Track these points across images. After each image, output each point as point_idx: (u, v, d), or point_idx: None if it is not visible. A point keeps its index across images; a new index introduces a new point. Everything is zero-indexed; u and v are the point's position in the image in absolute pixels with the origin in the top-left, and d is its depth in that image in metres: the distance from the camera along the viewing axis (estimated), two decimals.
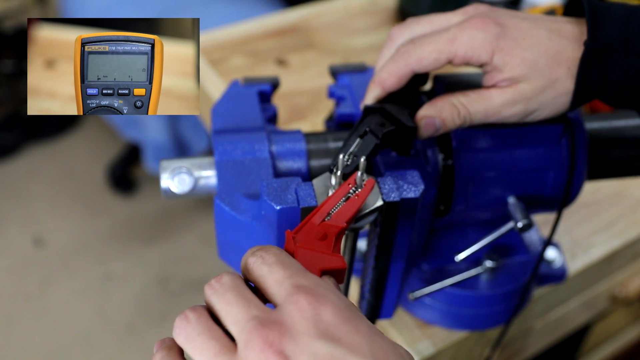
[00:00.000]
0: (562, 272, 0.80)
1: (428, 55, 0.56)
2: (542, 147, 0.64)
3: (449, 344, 0.74)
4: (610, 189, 0.92)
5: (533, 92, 0.56)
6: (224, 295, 0.40)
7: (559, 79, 0.55)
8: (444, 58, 0.56)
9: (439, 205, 0.65)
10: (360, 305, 0.65)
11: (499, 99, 0.56)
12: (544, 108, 0.57)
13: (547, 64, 0.55)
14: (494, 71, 0.56)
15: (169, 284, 1.98)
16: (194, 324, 0.39)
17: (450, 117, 0.57)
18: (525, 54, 0.55)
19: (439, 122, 0.57)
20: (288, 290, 0.38)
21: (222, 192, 0.58)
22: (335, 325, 0.37)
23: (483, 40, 0.55)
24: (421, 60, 0.57)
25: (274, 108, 0.68)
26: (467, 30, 0.56)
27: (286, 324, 0.37)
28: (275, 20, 1.21)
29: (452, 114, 0.57)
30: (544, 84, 0.55)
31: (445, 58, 0.56)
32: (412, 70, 0.57)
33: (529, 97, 0.56)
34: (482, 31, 0.55)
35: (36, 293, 1.94)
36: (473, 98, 0.57)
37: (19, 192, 2.21)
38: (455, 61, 0.56)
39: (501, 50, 0.55)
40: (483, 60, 0.56)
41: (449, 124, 0.57)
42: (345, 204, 0.49)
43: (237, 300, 0.39)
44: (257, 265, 0.41)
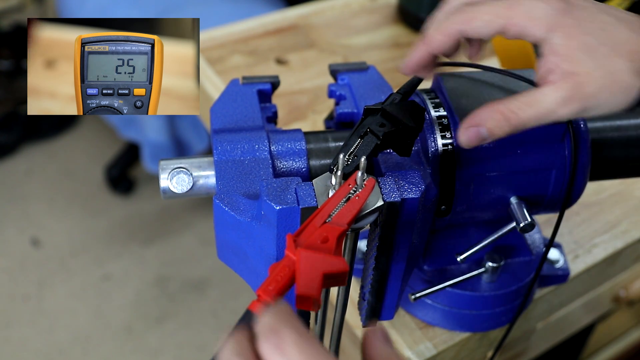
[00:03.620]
0: (564, 273, 0.79)
1: (482, 15, 0.53)
2: (544, 146, 0.64)
3: (451, 345, 0.74)
4: (613, 189, 0.92)
5: (590, 85, 0.51)
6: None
7: (618, 72, 0.51)
8: (498, 23, 0.52)
9: (440, 206, 0.64)
10: (361, 307, 0.65)
11: (552, 98, 0.51)
12: (602, 104, 0.52)
13: (607, 54, 0.51)
14: (550, 54, 0.52)
15: (167, 285, 1.98)
16: None
17: (498, 127, 0.53)
18: (586, 38, 0.51)
19: (485, 132, 0.54)
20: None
21: (221, 192, 0.57)
22: None
23: (544, 12, 0.51)
24: (473, 20, 0.53)
25: (274, 107, 0.68)
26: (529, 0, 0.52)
27: None
28: (275, 18, 1.20)
29: (500, 123, 0.53)
30: (602, 75, 0.51)
31: (500, 24, 0.52)
32: (460, 29, 0.54)
33: (585, 93, 0.51)
34: (544, 2, 0.52)
35: (34, 294, 1.93)
36: (524, 102, 0.53)
37: (16, 192, 2.20)
38: (509, 30, 0.52)
39: (562, 27, 0.51)
40: (539, 35, 0.52)
41: (497, 133, 0.53)
42: (346, 204, 0.48)
43: None
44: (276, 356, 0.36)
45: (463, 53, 0.60)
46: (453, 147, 0.62)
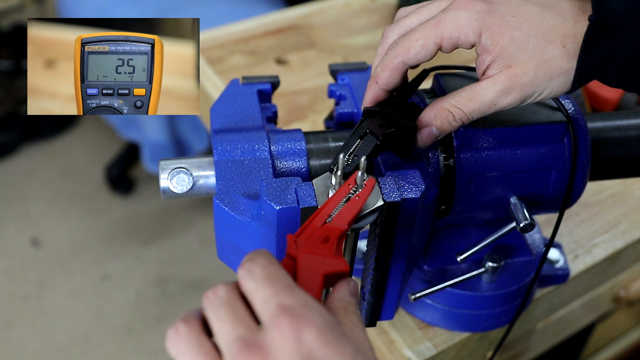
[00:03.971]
0: (564, 273, 0.79)
1: (415, 42, 0.55)
2: (544, 146, 0.64)
3: (451, 345, 0.74)
4: (613, 189, 0.92)
5: (525, 75, 0.53)
6: (217, 310, 0.40)
7: (553, 58, 0.53)
8: (432, 43, 0.54)
9: (440, 206, 0.64)
10: (361, 307, 0.65)
11: (491, 91, 0.54)
12: (540, 90, 0.54)
13: (538, 43, 0.53)
14: (483, 53, 0.54)
15: (167, 285, 1.98)
16: (184, 338, 0.40)
17: (446, 123, 0.56)
18: (514, 32, 0.53)
19: (436, 131, 0.56)
20: (272, 311, 0.38)
21: (221, 192, 0.57)
22: (318, 349, 0.36)
23: (468, 18, 0.53)
24: (409, 50, 0.55)
25: (274, 107, 0.68)
26: (451, 11, 0.54)
27: (268, 348, 0.37)
28: (275, 18, 1.20)
29: (447, 120, 0.56)
30: (537, 64, 0.53)
31: (433, 43, 0.54)
32: (402, 61, 0.56)
33: (522, 83, 0.53)
34: (466, 10, 0.53)
35: (34, 294, 1.93)
36: (465, 97, 0.55)
37: (16, 193, 2.20)
38: (444, 45, 0.54)
39: (489, 28, 0.53)
40: (471, 40, 0.53)
41: (446, 128, 0.56)
42: (347, 205, 0.48)
43: (228, 317, 0.39)
44: (246, 279, 0.41)
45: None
46: (453, 147, 0.62)
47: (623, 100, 0.99)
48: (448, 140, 0.62)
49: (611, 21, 0.52)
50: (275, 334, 0.37)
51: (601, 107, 1.00)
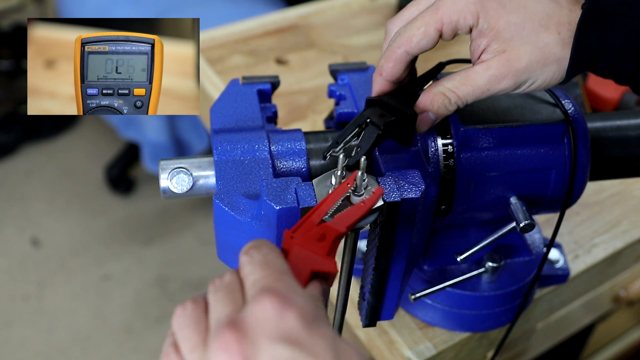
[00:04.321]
0: (564, 273, 0.79)
1: (417, 31, 0.55)
2: (544, 146, 0.64)
3: (450, 345, 0.74)
4: (613, 189, 0.92)
5: (519, 61, 0.54)
6: (217, 292, 0.41)
7: (547, 45, 0.53)
8: (433, 30, 0.55)
9: (440, 206, 0.64)
10: (361, 307, 0.65)
11: (485, 76, 0.54)
12: (534, 78, 0.55)
13: (533, 29, 0.53)
14: (478, 37, 0.54)
15: (167, 285, 1.98)
16: (187, 314, 0.41)
17: (443, 107, 0.56)
18: (510, 17, 0.53)
19: (433, 116, 0.57)
20: (257, 290, 0.39)
21: (221, 192, 0.57)
22: (298, 329, 0.36)
23: (466, 2, 0.53)
24: (411, 38, 0.56)
25: (274, 107, 0.68)
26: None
27: (248, 325, 0.37)
28: (275, 18, 1.20)
29: (443, 104, 0.56)
30: (531, 49, 0.53)
31: (434, 29, 0.55)
32: (405, 51, 0.56)
33: (515, 69, 0.54)
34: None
35: (34, 294, 1.93)
36: (459, 81, 0.56)
37: (16, 193, 2.20)
38: (444, 30, 0.55)
39: (486, 12, 0.53)
40: (470, 23, 0.54)
41: (442, 112, 0.57)
42: (350, 209, 0.48)
43: (223, 299, 0.40)
44: (246, 263, 0.42)
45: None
46: (453, 147, 0.62)
47: (623, 100, 0.99)
48: (448, 140, 0.62)
49: (603, 9, 0.52)
50: (256, 311, 0.37)
51: (601, 107, 1.00)
